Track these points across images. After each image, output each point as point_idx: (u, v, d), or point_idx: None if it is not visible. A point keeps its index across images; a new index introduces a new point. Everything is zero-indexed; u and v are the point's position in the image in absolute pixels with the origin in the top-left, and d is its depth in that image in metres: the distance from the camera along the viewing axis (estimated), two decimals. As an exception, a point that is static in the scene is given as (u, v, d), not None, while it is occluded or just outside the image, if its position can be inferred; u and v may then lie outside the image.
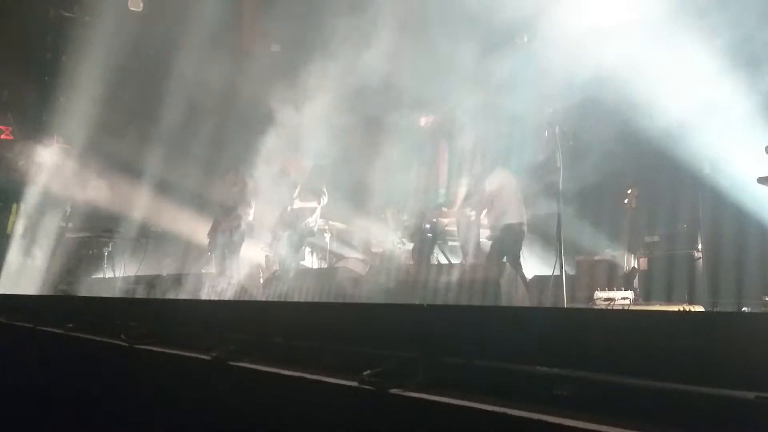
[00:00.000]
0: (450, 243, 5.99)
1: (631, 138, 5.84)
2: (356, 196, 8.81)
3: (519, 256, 6.38)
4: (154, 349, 2.71)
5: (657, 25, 4.77)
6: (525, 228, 6.53)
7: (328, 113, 6.20)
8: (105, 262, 9.45)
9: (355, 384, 1.70)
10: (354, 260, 8.32)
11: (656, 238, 6.42)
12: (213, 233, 8.60)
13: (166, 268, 8.11)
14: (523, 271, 6.14)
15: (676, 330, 1.43)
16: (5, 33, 10.49)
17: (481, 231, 6.07)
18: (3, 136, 10.69)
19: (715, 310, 5.34)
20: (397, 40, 5.62)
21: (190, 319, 3.09)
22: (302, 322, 2.43)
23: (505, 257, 6.34)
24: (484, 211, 6.04)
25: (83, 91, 9.88)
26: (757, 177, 4.86)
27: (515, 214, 6.46)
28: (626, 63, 4.89)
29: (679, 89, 4.85)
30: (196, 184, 9.20)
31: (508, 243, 6.40)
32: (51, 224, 10.16)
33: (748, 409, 1.22)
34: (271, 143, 7.23)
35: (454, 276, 4.27)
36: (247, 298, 5.81)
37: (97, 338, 3.22)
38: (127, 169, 9.90)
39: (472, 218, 5.54)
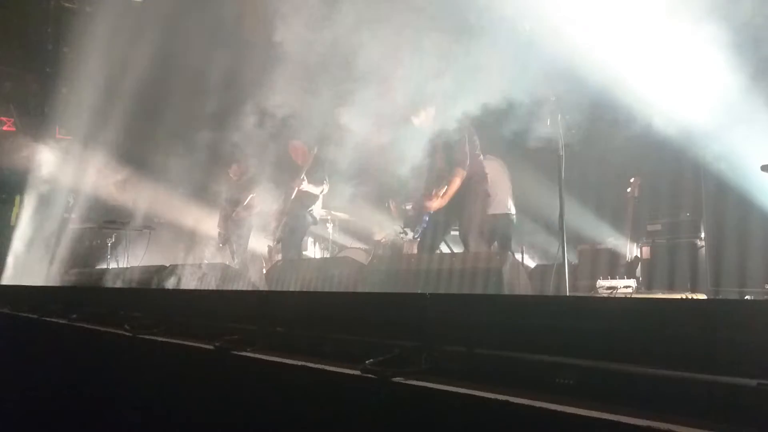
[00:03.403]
0: (452, 233, 5.98)
1: (634, 126, 5.82)
2: (359, 185, 8.81)
3: (509, 246, 6.43)
4: (158, 339, 2.72)
5: (661, 11, 4.74)
6: (513, 218, 6.58)
7: (331, 102, 6.19)
8: (108, 252, 9.48)
9: (357, 372, 1.71)
10: (356, 250, 8.34)
11: (659, 227, 6.41)
12: (223, 225, 8.67)
13: (169, 258, 8.13)
14: (524, 260, 6.16)
15: (679, 318, 1.43)
16: (6, 24, 10.47)
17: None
18: (5, 128, 10.69)
19: (717, 298, 5.33)
20: (399, 31, 5.59)
21: (193, 310, 3.10)
22: (305, 311, 2.43)
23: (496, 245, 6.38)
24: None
25: (85, 82, 9.87)
26: (761, 165, 4.84)
27: (502, 205, 6.50)
28: (630, 49, 4.86)
29: (682, 77, 4.82)
30: (199, 174, 9.21)
31: (498, 234, 6.44)
32: (54, 216, 10.19)
33: (749, 397, 1.22)
34: (274, 132, 7.22)
35: (456, 265, 4.26)
36: (250, 288, 5.83)
37: (102, 329, 3.23)
38: (130, 159, 9.91)
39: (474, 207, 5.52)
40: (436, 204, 5.40)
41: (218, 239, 8.77)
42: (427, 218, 5.51)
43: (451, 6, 5.35)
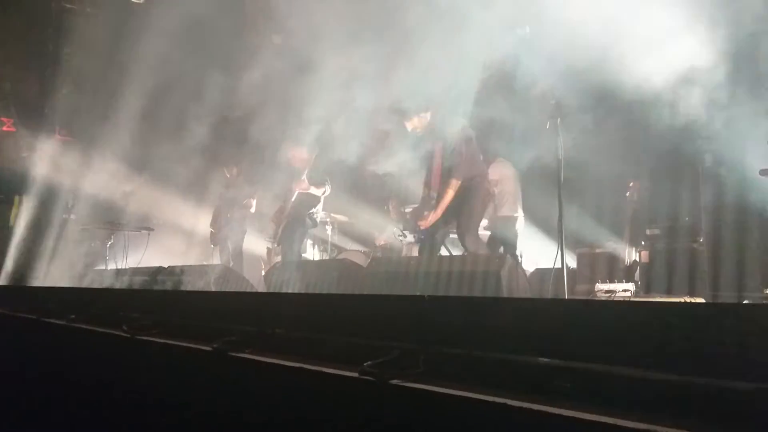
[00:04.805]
0: (451, 235, 5.99)
1: (633, 130, 5.83)
2: (358, 188, 8.82)
3: (515, 249, 6.43)
4: (156, 340, 2.72)
5: (661, 17, 4.75)
6: (521, 223, 6.58)
7: (329, 105, 6.20)
8: (107, 253, 9.46)
9: (355, 375, 1.71)
10: (355, 252, 8.34)
11: (658, 231, 6.41)
12: (215, 225, 8.62)
13: (167, 259, 8.12)
14: (523, 264, 6.16)
15: (677, 321, 1.43)
16: (7, 25, 10.48)
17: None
18: (5, 128, 10.68)
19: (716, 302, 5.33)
20: (395, 33, 5.61)
21: (191, 311, 3.10)
22: (303, 313, 2.43)
23: (502, 249, 6.39)
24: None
25: (85, 83, 9.87)
26: (760, 169, 4.85)
27: (511, 208, 6.52)
28: (631, 55, 4.87)
29: (682, 82, 4.83)
30: (198, 175, 9.21)
31: (504, 236, 6.45)
32: (53, 216, 10.17)
33: (748, 400, 1.22)
34: (274, 134, 7.22)
35: (455, 267, 4.26)
36: (248, 290, 5.82)
37: (100, 329, 3.23)
38: (129, 160, 9.90)
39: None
40: (428, 222, 5.41)
41: (210, 239, 8.74)
42: (423, 236, 5.55)
43: (448, 8, 5.36)
